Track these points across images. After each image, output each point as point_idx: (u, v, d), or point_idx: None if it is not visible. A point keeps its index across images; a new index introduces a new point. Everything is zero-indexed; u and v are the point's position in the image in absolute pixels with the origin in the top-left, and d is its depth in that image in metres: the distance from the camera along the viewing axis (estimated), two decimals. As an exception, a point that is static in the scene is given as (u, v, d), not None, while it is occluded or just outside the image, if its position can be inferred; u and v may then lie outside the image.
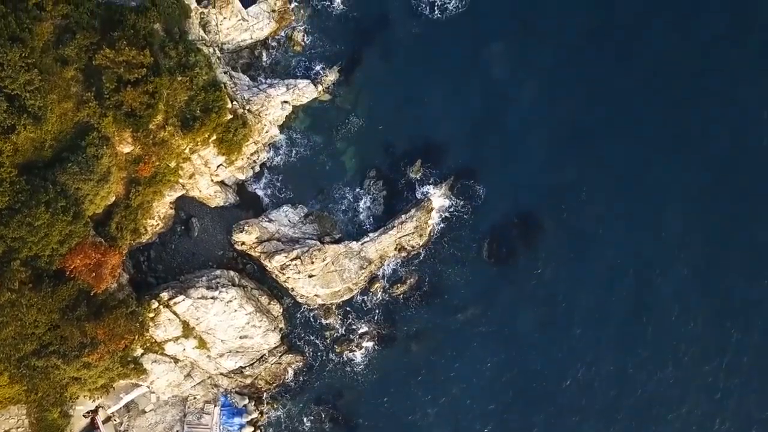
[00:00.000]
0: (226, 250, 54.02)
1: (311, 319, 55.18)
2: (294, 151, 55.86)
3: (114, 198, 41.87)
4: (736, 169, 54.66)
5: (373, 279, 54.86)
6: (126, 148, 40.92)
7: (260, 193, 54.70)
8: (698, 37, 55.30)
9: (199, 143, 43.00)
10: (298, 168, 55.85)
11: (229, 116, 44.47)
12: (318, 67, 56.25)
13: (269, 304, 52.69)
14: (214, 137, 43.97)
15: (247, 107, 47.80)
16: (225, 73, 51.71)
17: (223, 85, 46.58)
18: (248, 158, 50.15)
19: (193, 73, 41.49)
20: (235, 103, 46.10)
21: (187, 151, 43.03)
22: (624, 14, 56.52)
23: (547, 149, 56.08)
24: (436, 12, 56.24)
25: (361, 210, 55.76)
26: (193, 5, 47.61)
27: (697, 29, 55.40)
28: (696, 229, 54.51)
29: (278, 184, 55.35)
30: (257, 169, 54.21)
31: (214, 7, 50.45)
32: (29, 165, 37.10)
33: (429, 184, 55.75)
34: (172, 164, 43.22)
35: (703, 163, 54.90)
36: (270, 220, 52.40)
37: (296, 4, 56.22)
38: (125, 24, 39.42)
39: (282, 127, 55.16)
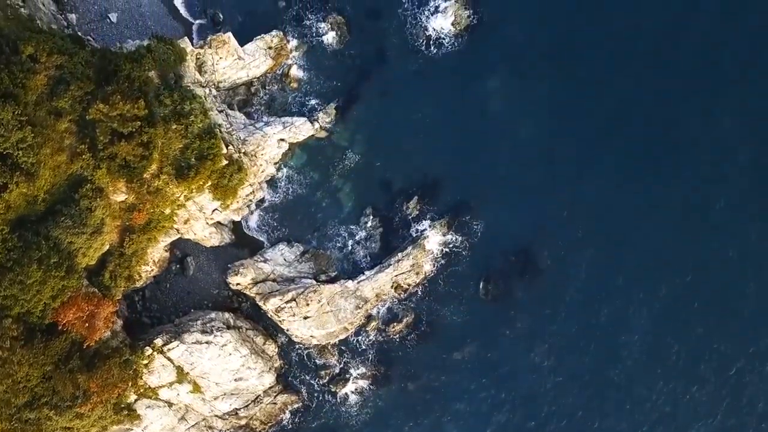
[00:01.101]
0: (221, 289, 53.77)
1: (306, 357, 54.84)
2: (290, 189, 55.64)
3: (108, 246, 41.56)
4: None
5: (369, 318, 54.57)
6: (120, 197, 40.66)
7: (256, 231, 54.50)
8: (695, 88, 55.12)
9: (194, 190, 42.77)
10: (295, 205, 55.61)
11: (225, 162, 44.19)
12: (314, 103, 56.08)
13: (264, 344, 52.40)
14: (209, 183, 43.69)
15: (243, 150, 47.55)
16: (221, 112, 51.59)
17: (218, 128, 46.36)
18: (244, 199, 49.82)
19: (188, 121, 41.24)
20: (230, 147, 45.90)
21: (182, 198, 42.80)
22: (623, 52, 56.36)
23: (544, 186, 55.80)
24: (432, 48, 56.06)
25: (357, 247, 55.50)
26: (189, 48, 47.51)
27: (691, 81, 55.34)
28: (693, 272, 54.52)
29: (274, 222, 55.11)
30: (253, 207, 54.01)
31: (210, 48, 50.35)
32: (21, 220, 36.82)
33: (426, 221, 55.47)
34: (167, 211, 42.99)
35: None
36: (265, 260, 52.13)
37: (293, 40, 56.07)
38: (120, 74, 39.17)
39: (278, 165, 55.00)
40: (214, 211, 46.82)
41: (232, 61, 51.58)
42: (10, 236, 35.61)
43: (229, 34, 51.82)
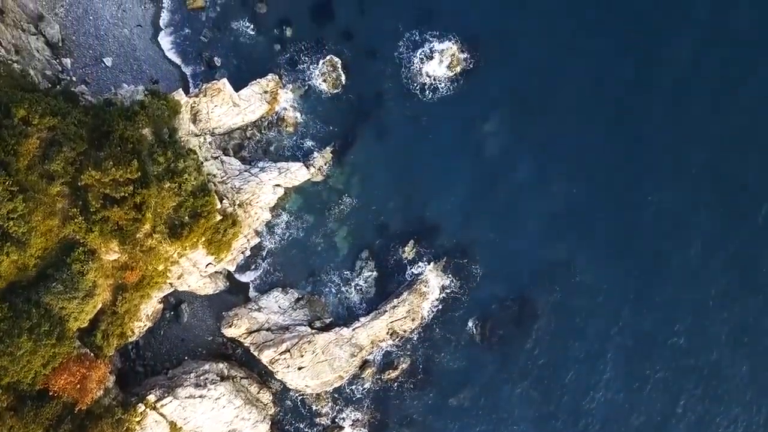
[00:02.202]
0: (215, 336, 53.38)
1: (301, 404, 54.43)
2: (285, 233, 55.30)
3: (100, 305, 41.19)
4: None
5: (364, 364, 54.19)
6: (112, 256, 40.30)
7: (250, 278, 54.13)
8: (691, 121, 55.14)
9: (187, 248, 42.41)
10: (290, 250, 55.29)
11: (219, 217, 43.85)
12: (310, 145, 55.81)
13: (259, 392, 51.99)
14: (203, 239, 43.34)
15: (238, 201, 47.25)
16: (216, 158, 51.36)
17: (212, 181, 46.09)
18: (238, 249, 49.48)
19: (181, 179, 40.93)
20: (225, 201, 45.59)
21: (175, 256, 42.43)
22: (620, 95, 56.29)
23: (541, 229, 55.77)
24: (427, 93, 55.94)
25: (352, 293, 55.17)
26: (183, 99, 47.25)
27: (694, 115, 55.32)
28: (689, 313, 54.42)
29: (269, 267, 54.77)
30: (248, 253, 53.65)
31: (205, 96, 50.11)
32: (12, 286, 36.44)
33: (422, 265, 55.23)
34: (160, 267, 42.61)
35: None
36: (259, 308, 51.77)
37: (289, 84, 55.84)
38: (113, 134, 38.85)
39: (273, 209, 54.70)
40: (208, 265, 46.47)
41: (228, 108, 51.34)
42: (0, 306, 35.20)
43: (224, 81, 51.61)
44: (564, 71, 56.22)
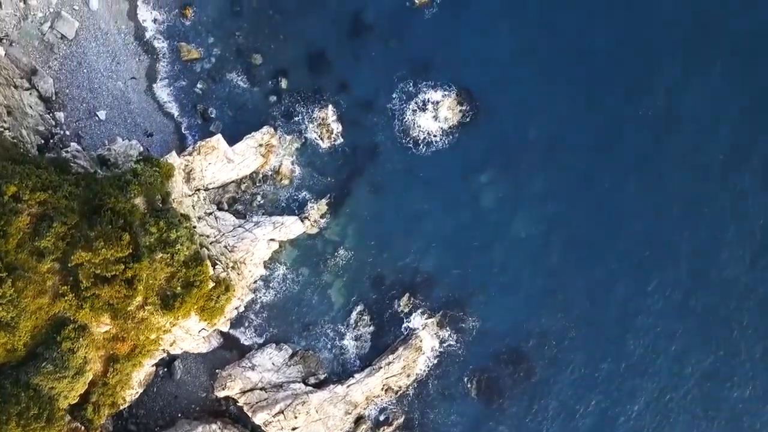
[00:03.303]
0: (209, 393, 52.89)
1: (296, 461, 54.00)
2: (279, 287, 54.91)
3: (91, 377, 40.75)
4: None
5: (358, 420, 53.73)
6: (103, 328, 39.90)
7: (244, 335, 53.70)
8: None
9: (179, 318, 42.00)
10: (284, 304, 54.87)
11: (212, 284, 43.46)
12: (306, 197, 55.46)
13: (253, 451, 51.60)
14: (196, 307, 42.93)
15: (231, 262, 46.90)
16: (209, 214, 51.06)
17: (204, 240, 45.70)
18: (231, 308, 49.11)
19: (174, 249, 40.52)
20: (218, 266, 45.21)
21: (167, 325, 42.03)
22: (616, 147, 56.09)
23: (537, 284, 55.49)
24: (421, 147, 55.65)
25: (347, 347, 54.75)
26: (177, 161, 46.92)
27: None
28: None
29: (263, 322, 54.34)
30: (242, 309, 53.29)
31: (199, 154, 49.77)
32: (0, 367, 36.02)
33: (417, 318, 54.89)
34: (153, 336, 42.19)
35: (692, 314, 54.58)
36: (253, 367, 51.34)
37: (284, 136, 55.51)
38: (104, 208, 38.47)
39: (268, 263, 54.33)
40: (200, 330, 46.08)
41: (222, 165, 51.01)
42: (-12, 390, 34.85)
43: (219, 137, 51.26)
44: (562, 124, 56.02)
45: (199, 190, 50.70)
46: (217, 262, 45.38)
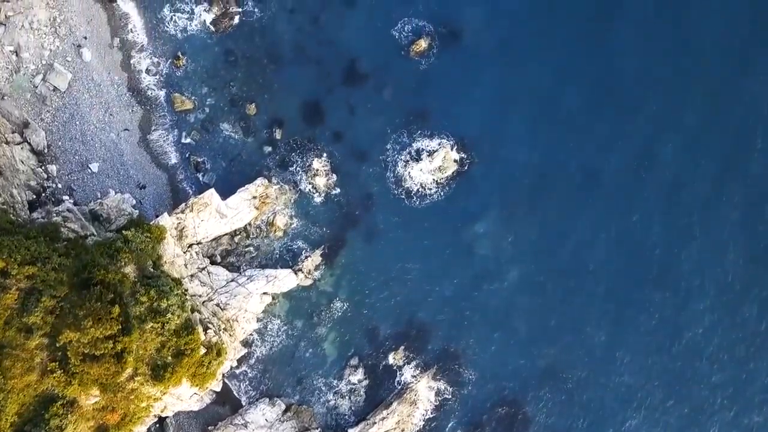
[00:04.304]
0: (201, 450, 52.49)
1: None
2: (273, 340, 54.46)
3: (80, 448, 40.24)
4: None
5: (353, 474, 53.31)
6: (92, 400, 39.40)
7: (237, 388, 53.23)
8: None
9: (170, 386, 41.50)
10: (277, 357, 54.40)
11: (203, 351, 42.99)
12: (299, 248, 55.00)
13: None
14: (187, 374, 42.45)
15: (223, 322, 46.42)
16: (202, 269, 50.64)
17: (197, 300, 45.24)
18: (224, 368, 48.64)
19: (164, 318, 40.10)
20: (209, 331, 44.73)
21: (158, 394, 41.52)
22: (609, 196, 55.98)
23: (533, 334, 55.15)
24: (415, 200, 55.39)
25: (341, 401, 54.25)
26: (168, 223, 46.53)
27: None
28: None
29: (257, 374, 53.85)
30: (234, 363, 52.78)
31: (191, 211, 49.42)
32: (-13, 448, 35.62)
33: (412, 372, 54.44)
34: (143, 404, 41.66)
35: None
36: (245, 424, 50.84)
37: (278, 186, 55.15)
38: (93, 281, 38.01)
39: (261, 315, 53.89)
40: (192, 395, 45.59)
41: (215, 221, 50.63)
42: (-26, 476, 34.36)
43: (212, 192, 50.98)
44: (557, 174, 55.84)
45: (192, 245, 50.30)
46: (209, 325, 44.93)
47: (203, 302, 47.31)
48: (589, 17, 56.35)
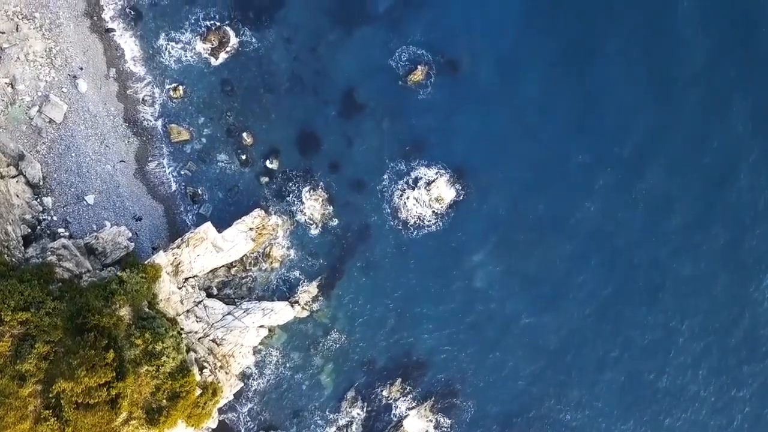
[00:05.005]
0: (198, 485, 52.10)
1: None
2: (271, 372, 54.19)
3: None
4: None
5: None
6: (87, 443, 39.04)
7: (234, 423, 52.93)
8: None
9: (165, 429, 41.18)
10: (273, 390, 54.15)
11: (199, 392, 42.68)
12: (296, 279, 54.72)
13: None
14: (183, 415, 42.14)
15: (219, 363, 46.08)
16: (198, 303, 50.34)
17: (191, 337, 44.91)
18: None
19: (160, 361, 39.79)
20: (205, 370, 44.42)
21: (153, 437, 41.26)
22: (609, 224, 55.96)
23: (532, 365, 55.17)
24: (412, 230, 55.18)
25: (338, 436, 54.13)
26: (164, 260, 46.22)
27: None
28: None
29: (254, 407, 53.57)
30: (231, 397, 52.46)
31: (187, 246, 49.11)
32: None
33: (409, 405, 54.34)
34: (138, 446, 41.36)
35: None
36: (242, 460, 50.55)
37: (275, 217, 54.86)
38: (87, 326, 37.71)
39: (258, 347, 53.60)
40: (187, 435, 45.30)
41: (211, 255, 50.32)
42: None
43: (208, 225, 50.62)
44: (556, 203, 55.72)
45: (188, 279, 50.00)
46: (205, 364, 44.63)
47: (199, 339, 47.02)
48: (593, 51, 56.07)
